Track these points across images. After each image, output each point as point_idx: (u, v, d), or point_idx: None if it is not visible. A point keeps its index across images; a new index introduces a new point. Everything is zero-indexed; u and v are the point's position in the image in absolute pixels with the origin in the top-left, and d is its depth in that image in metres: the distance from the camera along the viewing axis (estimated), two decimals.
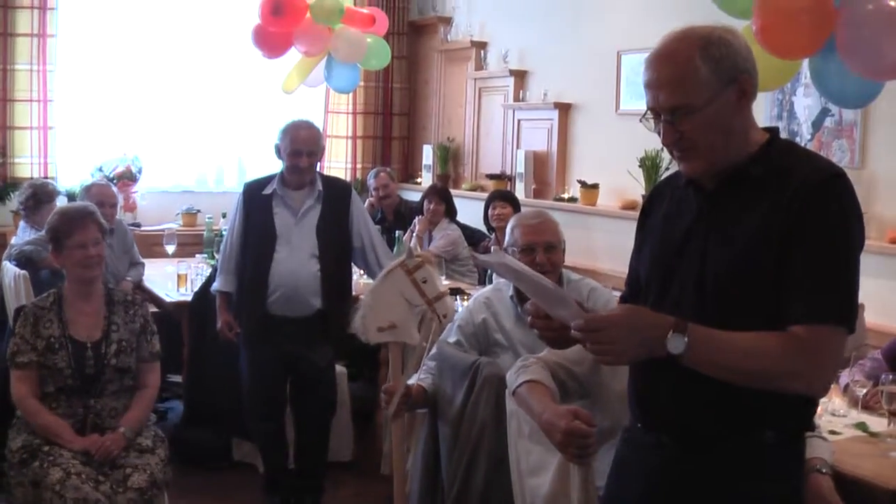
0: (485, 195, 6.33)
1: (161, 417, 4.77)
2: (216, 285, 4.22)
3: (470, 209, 6.50)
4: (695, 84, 1.78)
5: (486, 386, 2.91)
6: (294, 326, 4.03)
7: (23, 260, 4.78)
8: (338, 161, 8.13)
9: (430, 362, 3.25)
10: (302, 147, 4.05)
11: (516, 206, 5.76)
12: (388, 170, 6.89)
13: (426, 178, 7.68)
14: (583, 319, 1.75)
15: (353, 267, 4.40)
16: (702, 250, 1.84)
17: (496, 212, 5.83)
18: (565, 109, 6.49)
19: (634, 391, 1.96)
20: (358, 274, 4.74)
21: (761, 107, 4.86)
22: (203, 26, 7.50)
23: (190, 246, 6.33)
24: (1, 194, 6.77)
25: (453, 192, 6.59)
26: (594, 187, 6.07)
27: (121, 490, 3.08)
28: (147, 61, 7.36)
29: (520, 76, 6.95)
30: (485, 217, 6.00)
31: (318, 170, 4.23)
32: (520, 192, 6.51)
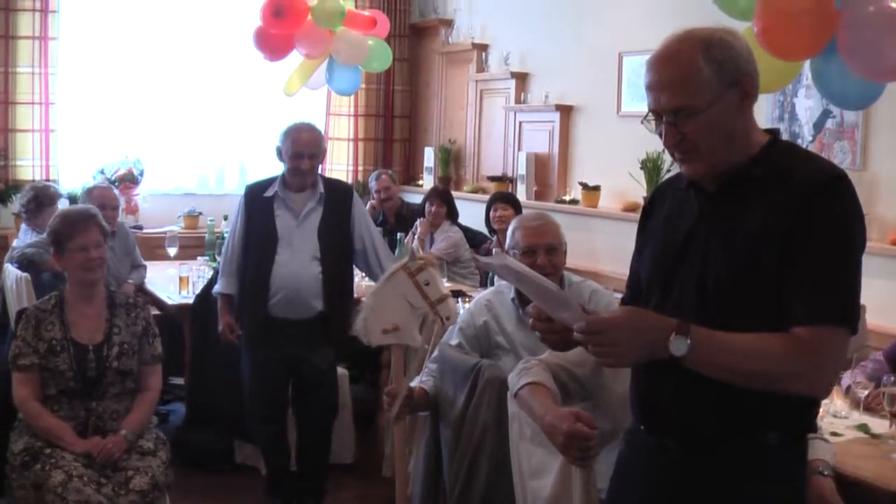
0: (486, 197, 6.34)
1: (163, 420, 4.77)
2: (218, 288, 4.22)
3: (471, 211, 6.50)
4: (697, 85, 1.78)
5: (487, 388, 2.91)
6: (295, 329, 4.03)
7: (24, 262, 4.77)
8: (339, 163, 8.13)
9: (432, 365, 3.24)
10: (303, 149, 4.05)
11: (518, 209, 5.76)
12: (390, 172, 6.88)
13: (427, 181, 7.68)
14: (584, 321, 1.75)
15: (355, 269, 4.39)
16: (703, 252, 1.84)
17: (497, 214, 5.83)
18: (566, 111, 6.49)
19: (636, 393, 1.96)
20: (359, 276, 4.74)
21: (762, 108, 4.86)
22: (205, 29, 7.51)
23: (191, 248, 6.33)
24: (2, 197, 6.77)
25: (455, 194, 6.58)
26: (595, 189, 6.08)
27: (122, 493, 3.07)
28: (148, 64, 7.37)
29: (521, 78, 6.95)
30: (486, 219, 6.00)
31: (319, 172, 4.24)
32: (521, 194, 6.51)
